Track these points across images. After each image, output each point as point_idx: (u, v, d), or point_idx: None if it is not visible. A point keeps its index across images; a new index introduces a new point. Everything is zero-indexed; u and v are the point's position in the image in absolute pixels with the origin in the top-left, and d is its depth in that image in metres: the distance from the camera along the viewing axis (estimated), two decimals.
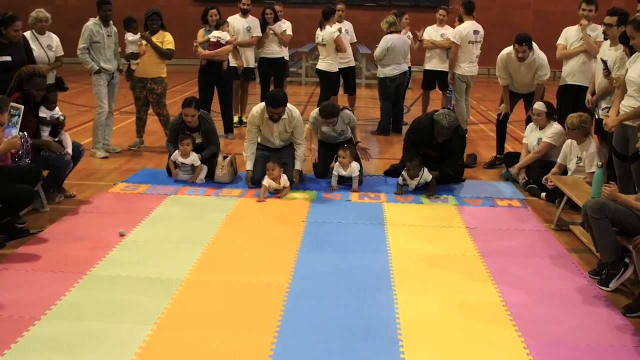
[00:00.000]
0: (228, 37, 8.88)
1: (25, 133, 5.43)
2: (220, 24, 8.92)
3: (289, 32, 10.09)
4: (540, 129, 7.10)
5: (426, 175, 6.69)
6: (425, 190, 6.73)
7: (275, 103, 6.70)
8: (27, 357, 3.51)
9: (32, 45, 7.14)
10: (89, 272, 4.62)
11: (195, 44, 8.88)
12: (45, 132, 6.06)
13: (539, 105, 7.11)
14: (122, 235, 5.24)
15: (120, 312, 4.04)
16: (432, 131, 6.77)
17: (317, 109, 7.20)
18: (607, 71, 6.01)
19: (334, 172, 6.88)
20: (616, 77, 5.82)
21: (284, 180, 6.55)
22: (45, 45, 7.42)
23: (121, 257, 4.94)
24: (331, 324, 3.95)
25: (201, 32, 9.01)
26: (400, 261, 4.97)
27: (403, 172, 6.75)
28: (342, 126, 7.10)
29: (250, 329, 3.86)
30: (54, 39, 7.63)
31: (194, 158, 6.84)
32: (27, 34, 7.25)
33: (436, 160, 6.90)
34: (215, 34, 8.78)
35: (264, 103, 6.85)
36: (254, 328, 3.88)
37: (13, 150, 5.23)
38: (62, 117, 6.20)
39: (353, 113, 7.62)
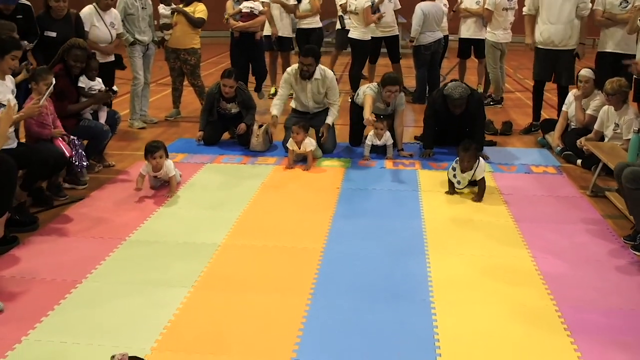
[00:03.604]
0: (260, 7, 8.83)
1: (75, 138, 5.58)
2: None
3: None
4: (585, 97, 6.92)
5: (479, 172, 5.65)
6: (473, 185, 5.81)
7: (305, 52, 6.88)
8: (70, 316, 3.63)
9: (96, 23, 7.17)
10: (127, 237, 4.74)
11: (225, 16, 8.83)
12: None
13: (586, 72, 6.88)
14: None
15: (158, 275, 4.15)
16: (447, 106, 6.67)
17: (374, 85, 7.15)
18: None
19: (367, 142, 6.89)
20: None
21: (307, 144, 6.55)
22: (108, 23, 7.31)
23: (159, 223, 5.05)
24: (364, 286, 4.01)
25: (230, 3, 8.97)
26: (434, 226, 5.00)
27: (454, 163, 5.76)
28: (394, 105, 7.06)
29: (284, 292, 3.94)
30: (117, 17, 7.50)
31: (166, 169, 5.74)
32: (88, 10, 7.20)
33: (462, 131, 6.85)
34: (246, 4, 8.70)
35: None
36: (289, 290, 3.95)
37: (33, 117, 5.27)
38: (114, 89, 6.36)
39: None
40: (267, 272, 4.21)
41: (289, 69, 7.12)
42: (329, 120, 7.01)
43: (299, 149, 6.53)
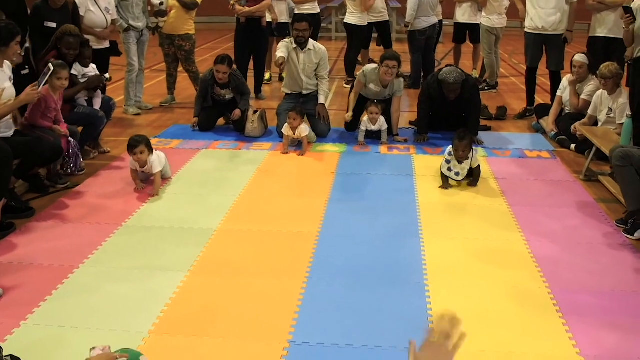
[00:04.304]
0: None
1: (72, 139, 5.59)
2: None
3: None
4: (579, 82, 6.95)
5: (475, 161, 5.59)
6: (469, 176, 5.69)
7: (299, 19, 7.12)
8: (67, 302, 3.66)
9: (91, 8, 7.16)
10: (124, 223, 4.76)
11: (231, 2, 8.78)
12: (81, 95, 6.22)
13: (580, 57, 6.89)
14: None
15: (155, 259, 4.18)
16: (442, 91, 6.71)
17: (369, 65, 7.16)
18: (629, 18, 5.85)
19: (362, 127, 6.88)
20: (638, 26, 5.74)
21: (302, 129, 6.57)
22: (103, 8, 7.30)
23: (155, 209, 5.08)
24: (359, 270, 4.04)
25: None
26: (428, 210, 5.04)
27: (447, 155, 5.60)
28: (392, 89, 7.08)
29: (280, 276, 3.97)
30: (111, 2, 7.47)
31: (150, 165, 5.44)
32: None
33: (456, 116, 6.89)
34: None
35: None
36: (284, 274, 3.99)
37: (40, 109, 5.30)
38: (107, 76, 6.36)
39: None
40: (263, 256, 4.25)
41: (285, 39, 7.23)
42: (322, 99, 7.12)
43: (294, 134, 6.55)
